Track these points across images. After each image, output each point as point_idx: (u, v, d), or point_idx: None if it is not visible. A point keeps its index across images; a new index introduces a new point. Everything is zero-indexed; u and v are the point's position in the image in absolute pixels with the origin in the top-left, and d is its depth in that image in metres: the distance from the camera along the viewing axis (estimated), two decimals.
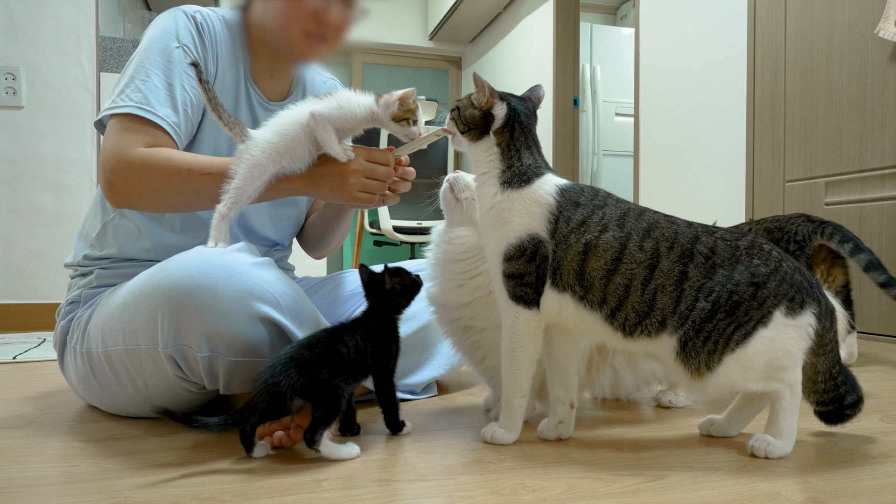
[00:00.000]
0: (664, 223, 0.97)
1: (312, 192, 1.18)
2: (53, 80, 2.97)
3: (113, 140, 1.14)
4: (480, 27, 5.84)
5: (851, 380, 1.01)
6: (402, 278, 1.09)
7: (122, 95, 1.16)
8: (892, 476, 0.88)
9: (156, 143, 1.15)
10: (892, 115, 2.23)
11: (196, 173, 1.12)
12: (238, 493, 0.81)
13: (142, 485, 0.84)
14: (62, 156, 2.98)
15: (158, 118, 1.15)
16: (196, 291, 1.00)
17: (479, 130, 1.03)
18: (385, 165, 1.17)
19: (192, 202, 1.17)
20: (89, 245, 1.30)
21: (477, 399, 1.37)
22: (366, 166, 1.15)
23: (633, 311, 0.94)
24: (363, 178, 1.15)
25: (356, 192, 1.16)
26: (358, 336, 1.01)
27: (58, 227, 2.97)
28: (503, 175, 1.01)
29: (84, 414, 1.25)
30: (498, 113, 1.02)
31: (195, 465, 0.92)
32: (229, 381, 1.07)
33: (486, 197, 1.02)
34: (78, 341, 1.20)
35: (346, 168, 1.14)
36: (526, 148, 1.03)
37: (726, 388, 0.93)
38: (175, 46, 1.19)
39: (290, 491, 0.81)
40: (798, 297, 0.92)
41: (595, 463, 0.93)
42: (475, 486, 0.83)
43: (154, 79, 1.17)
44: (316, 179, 1.16)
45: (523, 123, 1.03)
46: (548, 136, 4.58)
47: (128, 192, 1.13)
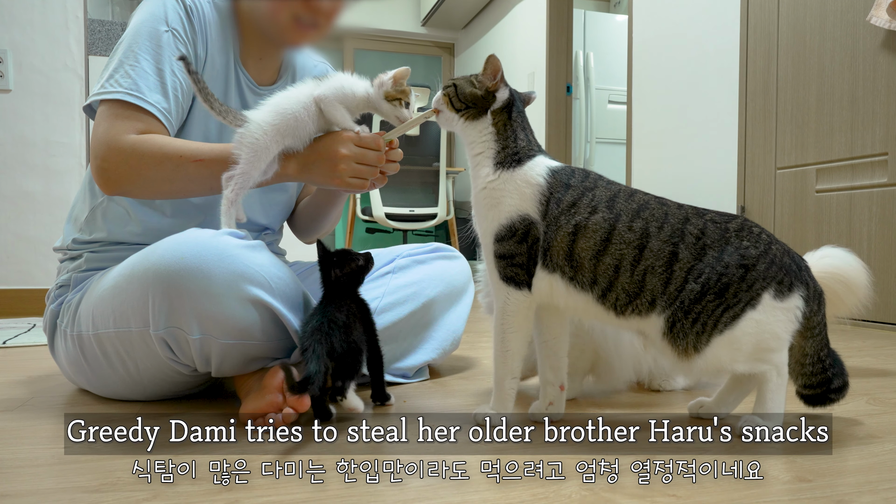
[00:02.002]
0: (654, 204, 0.97)
1: (304, 178, 1.18)
2: (41, 63, 2.94)
3: (104, 127, 1.14)
4: (473, 13, 5.81)
5: (839, 364, 1.02)
6: (347, 265, 1.14)
7: (111, 81, 1.15)
8: (878, 456, 0.90)
9: (146, 129, 1.14)
10: (884, 103, 2.24)
11: (188, 160, 1.12)
12: (217, 455, 0.81)
13: (133, 465, 0.84)
14: (51, 140, 2.96)
15: (149, 104, 1.14)
16: (187, 274, 1.00)
17: (477, 110, 1.03)
18: (375, 150, 1.16)
19: (184, 189, 1.16)
20: (78, 229, 1.29)
21: (469, 382, 1.38)
22: (356, 151, 1.15)
23: (624, 291, 0.95)
24: (354, 164, 1.15)
25: (347, 178, 1.15)
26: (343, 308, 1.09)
27: (47, 211, 2.95)
28: (498, 156, 1.01)
29: (75, 397, 1.25)
30: (501, 96, 1.03)
31: (187, 446, 0.92)
32: (221, 364, 1.07)
33: (480, 178, 1.02)
34: (68, 324, 1.19)
35: (337, 154, 1.14)
36: (521, 129, 1.03)
37: (713, 369, 0.94)
38: (164, 30, 1.18)
39: (283, 471, 0.82)
40: (787, 280, 0.93)
41: (586, 443, 0.93)
42: (465, 465, 0.83)
43: (144, 64, 1.16)
44: (307, 166, 1.16)
45: (519, 108, 1.05)
46: (541, 124, 4.58)
47: (120, 179, 1.13)
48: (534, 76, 4.70)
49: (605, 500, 0.73)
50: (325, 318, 1.03)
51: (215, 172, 1.12)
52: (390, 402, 1.17)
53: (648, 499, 0.74)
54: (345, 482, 0.74)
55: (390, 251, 1.50)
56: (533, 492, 0.75)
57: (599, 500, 0.73)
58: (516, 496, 0.74)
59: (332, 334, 1.01)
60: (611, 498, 0.74)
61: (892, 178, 2.22)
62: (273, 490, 0.76)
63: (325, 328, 1.01)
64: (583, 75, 4.78)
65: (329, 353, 0.99)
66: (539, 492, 0.75)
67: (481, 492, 0.75)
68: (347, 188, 1.18)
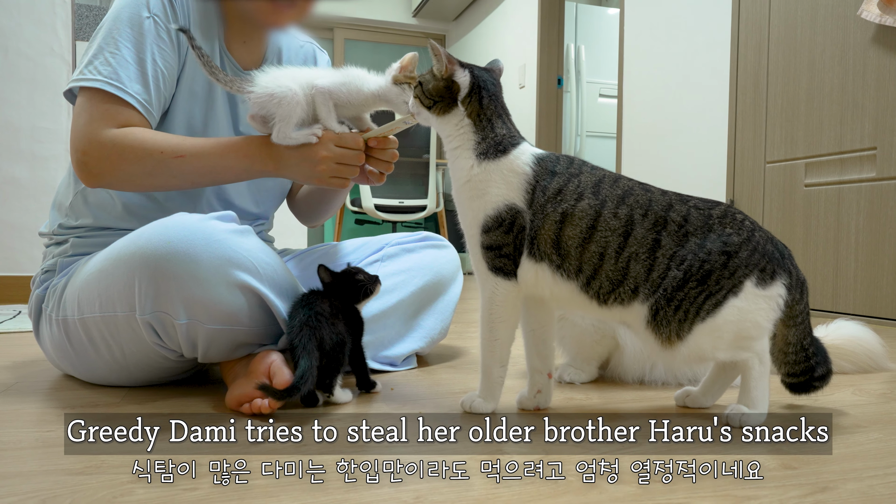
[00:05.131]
0: (639, 190, 0.97)
1: (283, 175, 1.18)
2: (28, 48, 2.90)
3: (84, 119, 1.12)
4: (465, 5, 5.79)
5: (822, 352, 1.02)
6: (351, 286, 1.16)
7: (90, 67, 1.13)
8: (862, 445, 0.90)
9: (126, 121, 1.13)
10: (873, 97, 2.25)
11: (169, 156, 1.12)
12: (217, 455, 0.80)
13: (118, 449, 0.83)
14: (37, 126, 2.92)
15: (129, 95, 1.13)
16: (174, 258, 0.99)
17: (446, 102, 1.00)
18: (356, 150, 1.16)
19: (165, 184, 1.16)
20: (64, 214, 1.28)
21: (456, 371, 1.38)
22: (335, 152, 1.14)
23: (608, 279, 0.94)
24: (333, 164, 1.14)
25: (327, 178, 1.16)
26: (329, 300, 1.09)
27: (33, 198, 2.92)
28: (478, 147, 0.99)
29: (60, 382, 1.24)
30: (461, 80, 0.99)
31: (186, 444, 0.91)
32: (208, 349, 1.06)
33: (462, 170, 1.00)
34: (54, 309, 1.18)
35: (316, 155, 1.13)
36: (497, 117, 1.01)
37: (695, 357, 0.94)
38: (146, 16, 1.16)
39: (267, 456, 0.81)
40: (769, 268, 0.93)
41: (573, 431, 0.93)
42: (452, 452, 0.83)
43: (124, 52, 1.14)
44: (288, 164, 1.15)
45: (490, 91, 1.01)
46: (531, 117, 4.57)
47: (101, 173, 1.13)
48: (525, 69, 4.69)
49: (592, 485, 0.73)
50: (313, 311, 1.03)
51: (196, 168, 1.13)
52: (377, 390, 1.17)
53: (635, 485, 0.74)
54: (345, 482, 0.73)
55: (379, 240, 1.50)
56: (519, 477, 0.75)
57: (586, 485, 0.73)
58: (503, 481, 0.74)
59: (321, 328, 1.02)
60: (597, 483, 0.74)
61: (880, 172, 2.24)
62: (258, 474, 0.75)
63: (313, 322, 1.01)
64: (574, 68, 4.77)
65: (319, 347, 1.00)
66: (525, 477, 0.75)
67: (468, 478, 0.75)
68: (328, 187, 1.19)
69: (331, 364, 1.03)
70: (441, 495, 0.70)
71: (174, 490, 0.70)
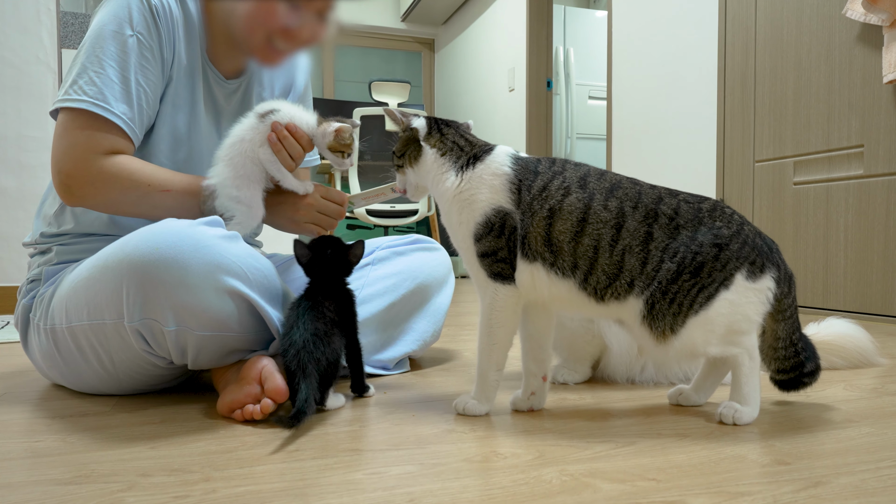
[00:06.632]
0: (627, 183, 0.98)
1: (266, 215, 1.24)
2: (13, 56, 2.88)
3: (69, 141, 1.12)
4: (453, 8, 5.80)
5: (811, 348, 1.03)
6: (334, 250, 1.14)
7: (75, 87, 1.12)
8: (855, 439, 0.90)
9: (112, 144, 1.13)
10: (859, 95, 2.27)
11: (155, 189, 1.14)
12: (208, 464, 0.80)
13: (108, 458, 0.82)
14: (23, 134, 2.90)
15: (115, 116, 1.12)
16: (162, 264, 0.98)
17: (413, 147, 1.05)
18: (339, 205, 1.28)
19: (148, 214, 1.17)
20: (46, 223, 1.27)
21: (449, 374, 1.37)
22: (320, 203, 1.26)
23: (604, 273, 0.94)
24: (315, 212, 1.26)
25: (304, 223, 1.27)
26: (328, 302, 1.08)
27: (20, 207, 2.89)
28: (455, 164, 1.02)
29: (49, 392, 1.23)
30: (417, 124, 1.06)
31: (164, 438, 0.91)
32: (198, 356, 1.05)
33: (448, 191, 1.02)
34: (41, 318, 1.17)
35: (303, 200, 1.24)
36: (461, 137, 1.05)
37: (688, 352, 0.94)
38: (129, 34, 1.14)
39: (261, 462, 0.81)
40: (759, 261, 0.94)
41: (567, 431, 0.94)
42: (446, 455, 0.83)
43: (109, 71, 1.13)
44: (269, 205, 1.23)
45: (445, 122, 1.07)
46: (521, 120, 4.58)
47: (84, 196, 1.13)
48: (514, 71, 4.70)
49: (586, 484, 0.73)
50: (309, 334, 1.00)
51: (181, 202, 1.16)
52: (370, 394, 1.16)
53: (629, 483, 0.74)
54: (338, 486, 0.73)
55: (370, 243, 1.49)
56: (513, 478, 0.75)
57: (580, 484, 0.73)
58: (497, 482, 0.74)
59: (317, 350, 1.00)
60: (591, 482, 0.74)
61: (867, 169, 2.25)
62: (251, 480, 0.75)
63: (310, 346, 0.99)
64: (563, 71, 4.79)
65: (317, 368, 0.99)
66: (519, 478, 0.75)
67: (461, 479, 0.75)
68: (300, 231, 1.27)
69: (324, 380, 1.01)
70: (435, 497, 0.69)
71: (165, 498, 0.69)
